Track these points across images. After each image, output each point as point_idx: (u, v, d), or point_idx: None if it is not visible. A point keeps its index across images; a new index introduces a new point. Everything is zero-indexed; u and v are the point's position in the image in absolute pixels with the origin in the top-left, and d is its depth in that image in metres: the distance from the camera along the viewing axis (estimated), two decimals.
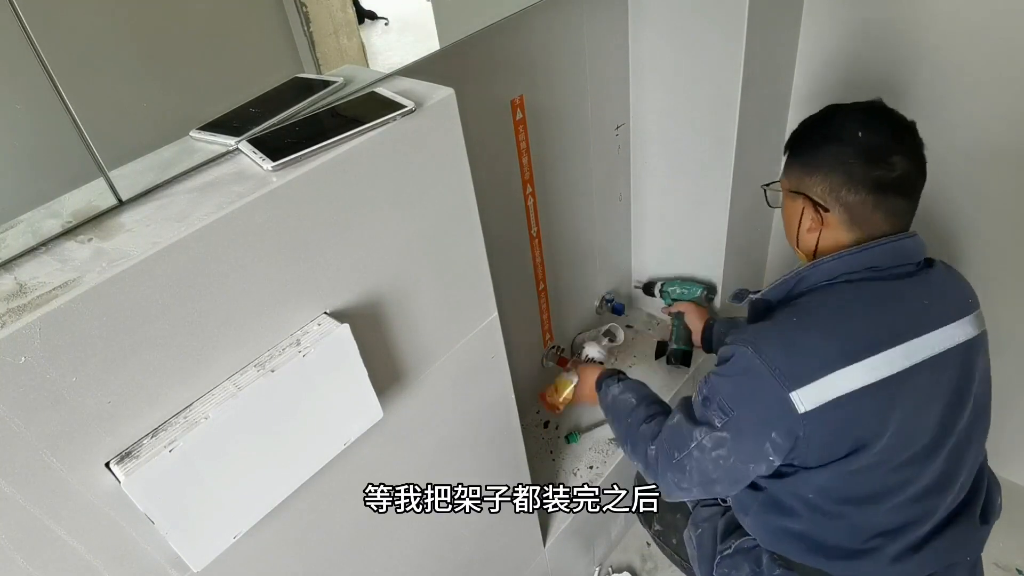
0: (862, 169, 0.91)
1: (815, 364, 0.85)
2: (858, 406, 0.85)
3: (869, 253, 0.91)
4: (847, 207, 0.93)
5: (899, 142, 0.92)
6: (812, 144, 0.97)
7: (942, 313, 0.91)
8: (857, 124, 0.93)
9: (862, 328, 0.88)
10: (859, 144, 0.92)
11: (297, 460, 0.75)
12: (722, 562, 1.13)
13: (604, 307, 1.80)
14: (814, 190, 0.95)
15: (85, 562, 0.63)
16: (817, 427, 0.86)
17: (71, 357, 0.56)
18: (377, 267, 0.79)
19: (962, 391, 0.94)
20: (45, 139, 0.66)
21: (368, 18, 0.95)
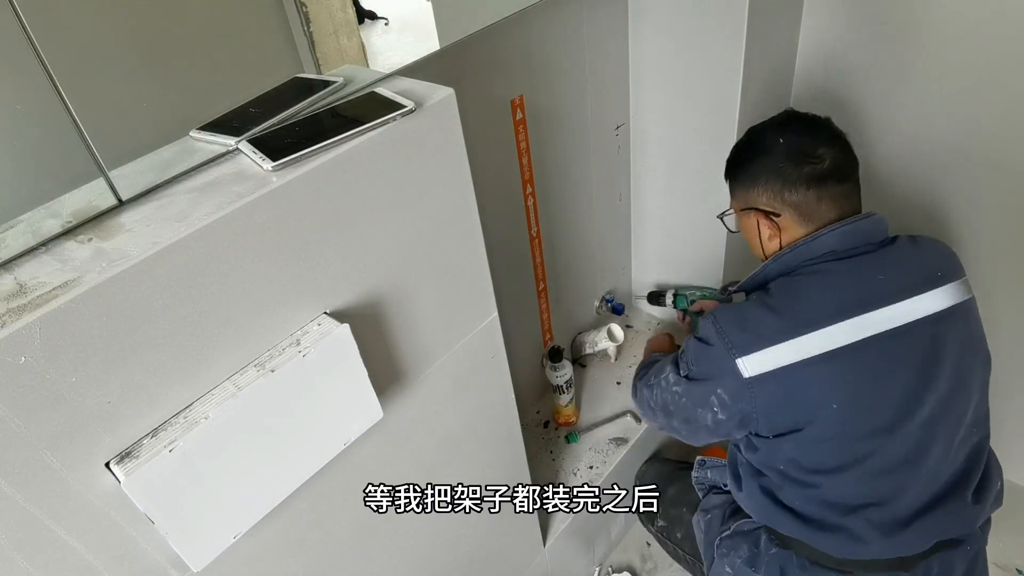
0: (793, 169, 1.02)
1: (759, 336, 0.96)
2: (800, 376, 0.95)
3: (821, 240, 1.00)
4: (794, 206, 1.03)
5: (818, 137, 1.03)
6: (744, 164, 1.09)
7: (902, 286, 0.97)
8: (776, 134, 1.05)
9: (808, 306, 0.96)
10: (782, 150, 1.03)
11: (297, 460, 0.75)
12: (722, 543, 1.16)
13: (604, 307, 1.81)
14: (760, 201, 1.06)
15: (85, 562, 0.63)
16: (761, 393, 0.97)
17: (71, 357, 0.56)
18: (377, 267, 0.79)
19: (933, 362, 0.97)
20: (45, 139, 0.66)
21: (368, 18, 0.95)
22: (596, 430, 1.62)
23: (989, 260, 1.48)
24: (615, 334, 1.69)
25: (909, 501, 0.99)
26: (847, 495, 0.99)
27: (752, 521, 1.13)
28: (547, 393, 1.73)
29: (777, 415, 0.99)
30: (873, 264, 0.98)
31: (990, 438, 1.08)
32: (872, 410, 0.96)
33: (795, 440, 0.99)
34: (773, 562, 1.07)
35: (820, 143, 1.02)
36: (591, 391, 1.73)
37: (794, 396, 0.97)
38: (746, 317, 0.99)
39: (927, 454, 0.98)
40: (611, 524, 1.68)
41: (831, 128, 1.06)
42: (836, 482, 0.99)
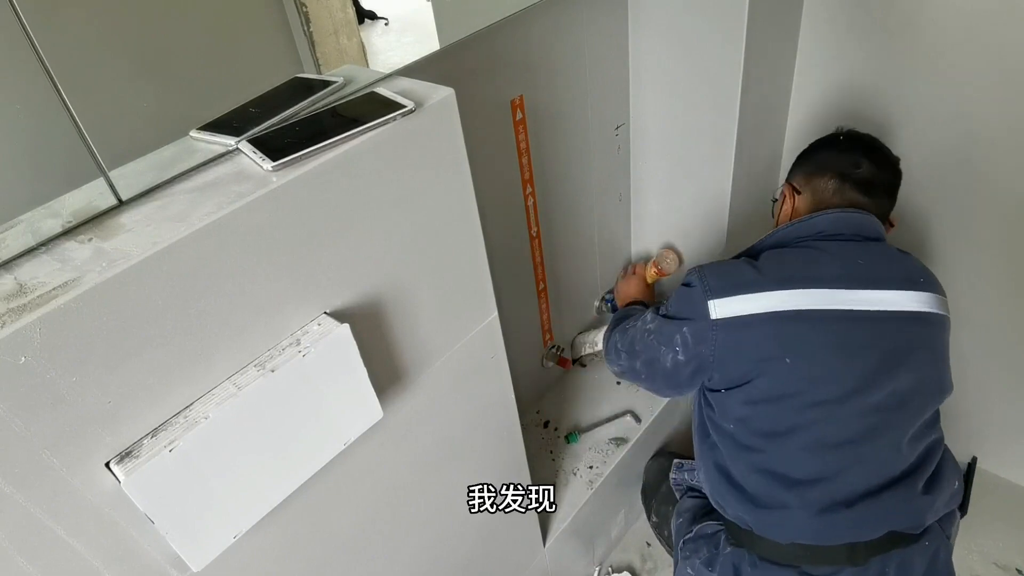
0: (835, 161, 1.14)
1: (735, 284, 1.04)
2: (763, 326, 1.01)
3: (815, 220, 1.09)
4: (813, 190, 1.14)
5: (870, 156, 1.13)
6: (811, 151, 1.21)
7: (882, 276, 1.03)
8: (853, 144, 1.15)
9: (787, 269, 1.04)
10: (840, 146, 1.16)
11: (297, 460, 0.75)
12: (685, 545, 1.19)
13: (604, 307, 1.81)
14: (796, 178, 1.19)
15: (85, 562, 0.63)
16: (723, 337, 1.03)
17: (71, 357, 0.56)
18: (377, 267, 0.79)
19: (900, 357, 1.01)
20: (45, 139, 0.66)
21: (368, 18, 0.95)
22: (596, 430, 1.62)
23: (988, 264, 1.48)
24: None
25: (851, 482, 1.01)
26: (790, 466, 1.02)
27: (715, 524, 1.16)
28: (547, 393, 1.73)
29: (733, 362, 1.04)
30: (857, 250, 1.05)
31: (943, 441, 1.10)
32: (826, 380, 1.00)
33: (745, 394, 1.04)
34: (727, 561, 1.09)
35: (873, 163, 1.12)
36: (591, 391, 1.73)
37: (753, 344, 1.02)
38: (728, 268, 1.08)
39: (874, 440, 1.01)
40: (611, 524, 1.68)
41: (887, 159, 1.15)
42: (780, 448, 1.03)
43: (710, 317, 1.03)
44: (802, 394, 1.01)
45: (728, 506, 1.10)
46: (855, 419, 1.00)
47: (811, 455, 1.01)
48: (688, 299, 1.07)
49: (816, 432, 1.00)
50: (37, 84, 0.58)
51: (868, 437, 1.00)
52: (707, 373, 1.07)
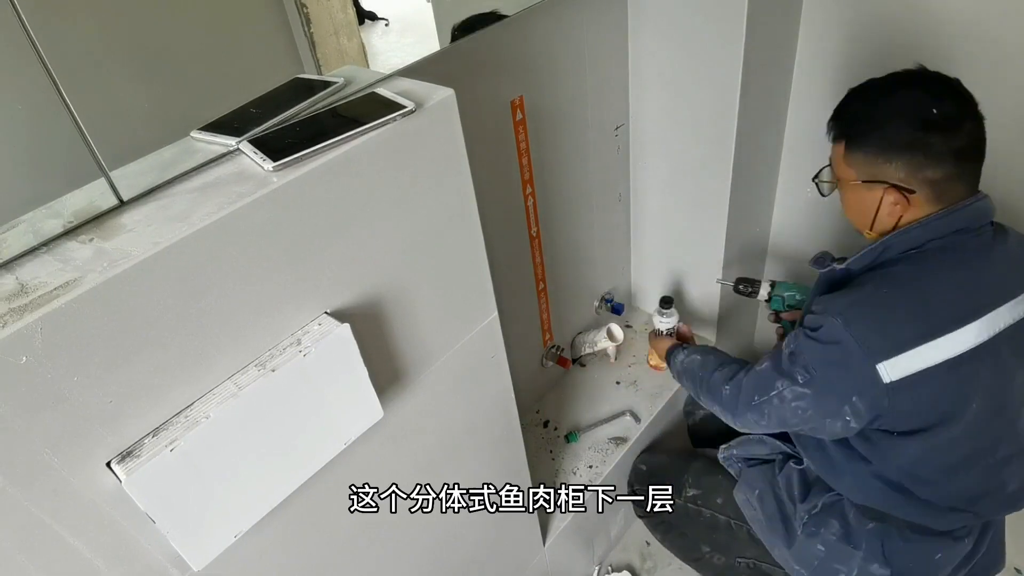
0: (943, 144, 0.90)
1: (902, 337, 0.88)
2: (943, 377, 0.89)
3: (954, 217, 0.92)
4: (932, 184, 0.92)
5: (963, 106, 0.91)
6: (879, 128, 0.94)
7: (1017, 282, 0.93)
8: (925, 98, 0.91)
9: (946, 302, 0.89)
10: (933, 119, 0.90)
11: (298, 459, 0.75)
12: (811, 520, 1.12)
13: (603, 307, 1.81)
14: (894, 176, 0.93)
15: (86, 561, 0.63)
16: (904, 396, 0.90)
17: (72, 357, 0.56)
18: (377, 267, 0.79)
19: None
20: (46, 139, 0.66)
21: (368, 19, 0.95)
22: (595, 430, 1.62)
23: None
24: (614, 334, 1.69)
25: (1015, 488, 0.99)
26: (968, 488, 0.99)
27: (834, 494, 1.09)
28: (547, 393, 1.73)
29: (915, 417, 0.94)
30: (995, 257, 0.94)
31: None
32: (999, 406, 0.94)
33: (923, 440, 0.94)
34: (873, 537, 1.04)
35: (966, 114, 0.91)
36: (591, 391, 1.73)
37: (936, 398, 0.91)
38: (881, 314, 0.91)
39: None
40: (610, 523, 1.68)
41: (968, 95, 0.93)
42: (956, 479, 0.98)
43: (883, 382, 0.89)
44: (982, 427, 0.94)
45: (884, 507, 1.04)
46: (1018, 434, 0.97)
47: (984, 477, 0.98)
48: (843, 363, 0.91)
49: (991, 456, 0.97)
50: (38, 84, 0.58)
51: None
52: (877, 424, 0.96)
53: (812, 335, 0.94)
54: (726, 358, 1.16)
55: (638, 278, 1.88)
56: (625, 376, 1.75)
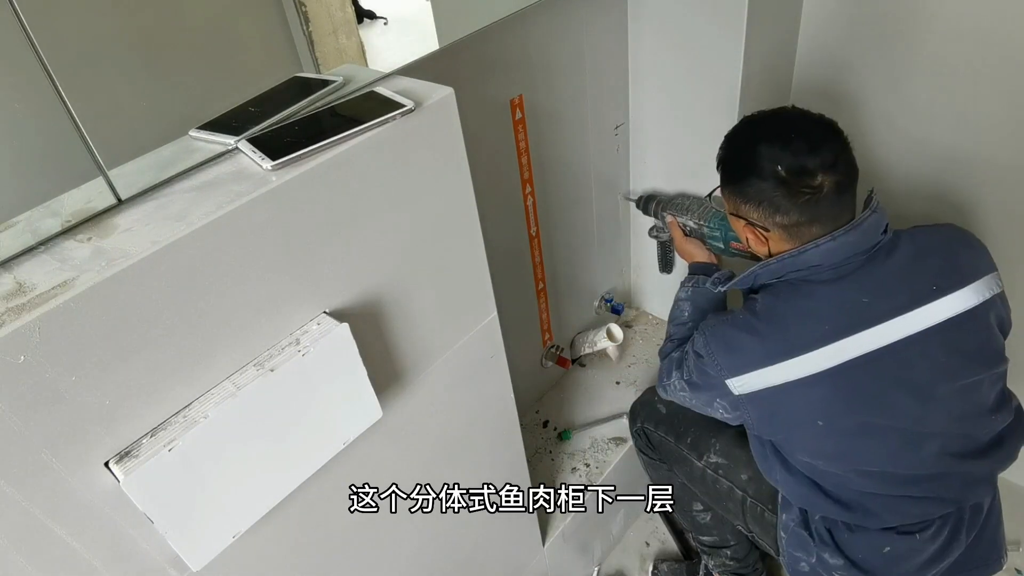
0: (787, 200, 0.97)
1: (745, 361, 1.01)
2: (785, 396, 0.99)
3: (806, 256, 0.98)
4: (783, 227, 1.00)
5: (818, 155, 0.95)
6: (737, 177, 1.04)
7: (886, 308, 0.96)
8: (773, 154, 0.97)
9: (792, 333, 0.98)
10: (779, 177, 0.96)
11: (296, 459, 0.75)
12: (781, 506, 1.17)
13: (603, 307, 1.81)
14: (751, 215, 1.03)
15: (84, 561, 0.63)
16: (752, 408, 1.04)
17: (70, 356, 0.56)
18: (376, 266, 0.79)
19: (934, 378, 0.98)
20: (44, 138, 0.66)
21: (367, 17, 0.95)
22: (595, 429, 1.62)
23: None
24: (614, 334, 1.69)
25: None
26: (875, 488, 1.03)
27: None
28: (547, 393, 1.73)
29: (767, 426, 1.07)
30: (857, 287, 0.97)
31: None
32: (872, 439, 1.00)
33: (799, 443, 1.06)
34: (822, 527, 1.09)
35: (821, 167, 0.95)
36: (590, 391, 1.73)
37: (780, 413, 1.03)
38: (732, 339, 1.03)
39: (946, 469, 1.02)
40: (610, 524, 1.68)
41: (835, 142, 0.98)
42: (860, 480, 1.03)
43: (734, 393, 1.03)
44: (850, 456, 1.02)
45: (821, 511, 1.09)
46: (924, 461, 1.01)
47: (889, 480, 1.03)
48: (705, 373, 1.06)
49: (887, 473, 1.02)
50: (37, 83, 0.58)
51: (939, 471, 1.02)
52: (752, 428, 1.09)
53: (693, 343, 1.10)
54: (692, 329, 1.19)
55: (638, 278, 1.88)
56: (625, 376, 1.75)
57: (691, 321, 1.23)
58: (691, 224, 1.38)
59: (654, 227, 1.55)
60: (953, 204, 1.47)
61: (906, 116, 1.42)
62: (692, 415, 1.36)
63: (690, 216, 1.38)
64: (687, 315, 1.24)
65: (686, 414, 1.37)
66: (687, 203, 1.41)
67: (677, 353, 1.18)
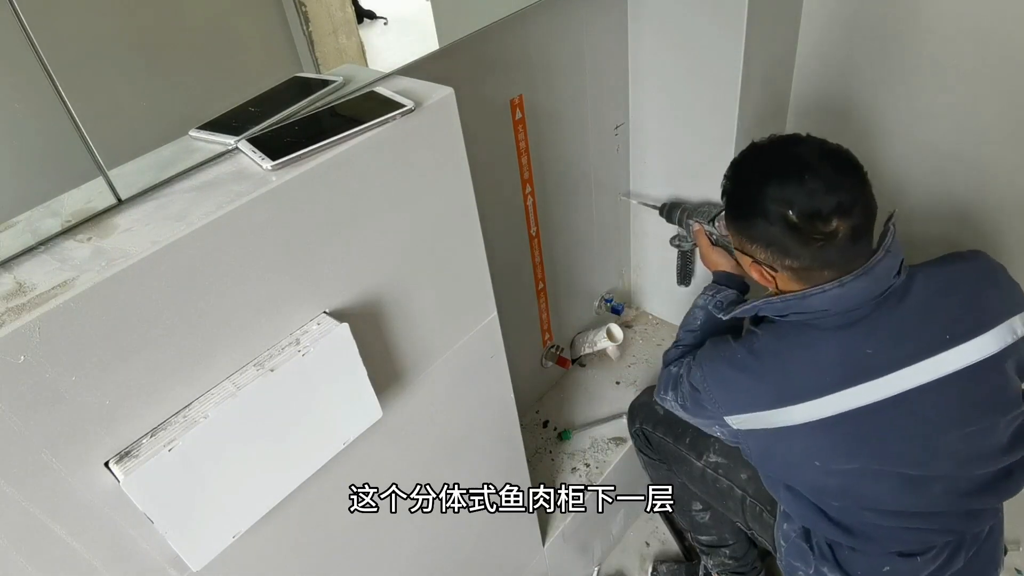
0: (799, 247, 0.90)
1: (742, 402, 1.01)
2: (781, 440, 1.00)
3: (811, 300, 0.92)
4: (792, 270, 0.93)
5: (834, 197, 0.87)
6: (742, 215, 0.96)
7: (890, 360, 0.92)
8: (784, 195, 0.89)
9: (791, 380, 0.96)
10: (789, 222, 0.89)
11: (296, 459, 0.75)
12: (781, 517, 1.16)
13: (603, 307, 1.81)
14: (758, 256, 0.96)
15: (84, 561, 0.63)
16: (752, 441, 1.05)
17: (70, 356, 0.56)
18: (376, 266, 0.79)
19: (937, 429, 0.95)
20: (44, 138, 0.66)
21: (367, 17, 0.95)
22: (595, 429, 1.62)
23: None
24: (614, 334, 1.69)
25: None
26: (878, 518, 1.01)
27: None
28: (547, 393, 1.73)
29: (766, 461, 1.08)
30: (863, 337, 0.92)
31: None
32: (875, 482, 0.98)
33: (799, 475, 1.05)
34: (823, 543, 1.08)
35: (837, 212, 0.86)
36: (590, 391, 1.73)
37: (778, 452, 1.03)
38: (729, 381, 1.02)
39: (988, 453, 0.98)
40: (610, 524, 1.68)
41: (853, 180, 0.89)
42: (865, 514, 1.02)
43: (731, 427, 1.04)
44: (845, 495, 1.01)
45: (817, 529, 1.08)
46: (928, 501, 0.99)
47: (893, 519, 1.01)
48: (702, 407, 1.06)
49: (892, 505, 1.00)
50: (37, 83, 0.58)
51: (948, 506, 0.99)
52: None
53: (690, 372, 1.08)
54: (699, 339, 1.19)
55: (638, 278, 1.88)
56: (625, 376, 1.75)
57: (700, 331, 1.21)
58: (718, 233, 1.32)
59: (677, 236, 1.50)
60: (954, 206, 1.47)
61: (908, 114, 1.42)
62: None
63: (715, 224, 1.33)
64: (699, 323, 1.22)
65: None
66: (715, 211, 1.36)
67: (675, 369, 1.16)
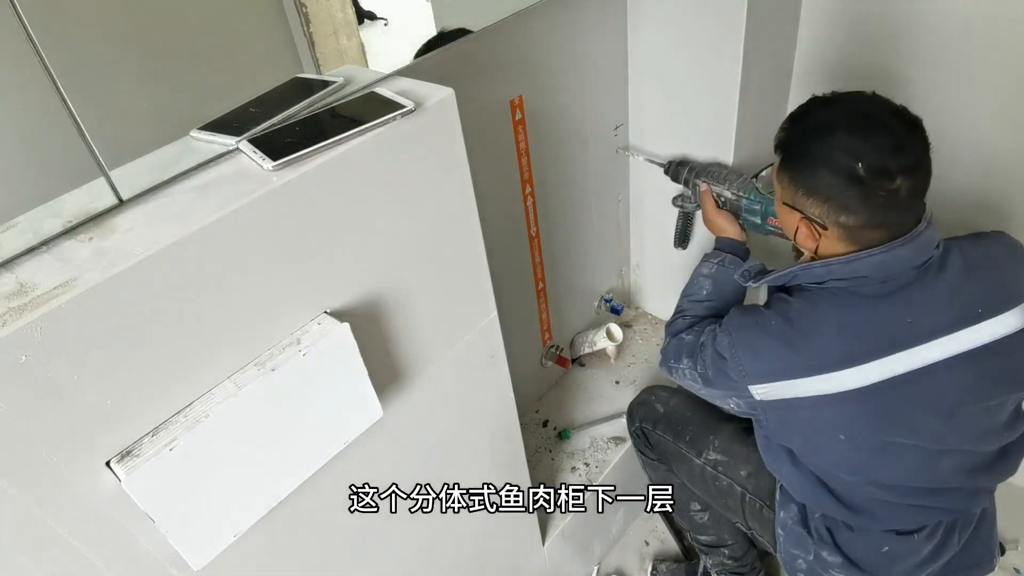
0: (859, 202, 0.88)
1: (772, 370, 0.96)
2: (811, 408, 0.96)
3: (855, 265, 0.91)
4: (845, 227, 0.91)
5: (902, 156, 0.86)
6: (802, 166, 0.93)
7: (928, 329, 0.91)
8: (853, 146, 0.87)
9: (823, 347, 0.93)
10: (855, 175, 0.86)
11: (297, 459, 0.75)
12: (779, 503, 1.16)
13: (603, 307, 1.81)
14: (811, 211, 0.93)
15: (86, 560, 0.63)
16: (773, 413, 1.01)
17: (72, 356, 0.56)
18: (377, 266, 0.79)
19: (958, 403, 0.95)
20: (46, 139, 0.66)
21: (368, 18, 0.95)
22: (595, 428, 1.62)
23: None
24: (614, 334, 1.69)
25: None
26: (882, 494, 1.02)
27: None
28: (547, 393, 1.73)
29: (784, 432, 1.04)
30: (904, 306, 0.91)
31: None
32: (894, 456, 0.97)
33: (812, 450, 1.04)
34: (821, 525, 1.08)
35: (902, 170, 0.85)
36: (590, 390, 1.73)
37: (802, 423, 1.00)
38: (761, 348, 0.97)
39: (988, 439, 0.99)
40: (610, 523, 1.68)
41: (920, 141, 0.88)
42: (869, 489, 1.01)
43: (754, 398, 0.99)
44: (865, 470, 1.00)
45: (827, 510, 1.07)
46: (939, 477, 0.99)
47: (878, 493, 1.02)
48: (725, 374, 1.01)
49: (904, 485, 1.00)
50: (38, 83, 0.58)
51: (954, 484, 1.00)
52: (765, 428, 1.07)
53: (715, 339, 1.03)
54: (703, 316, 1.17)
55: (638, 278, 1.88)
56: (625, 376, 1.75)
57: (708, 300, 1.18)
58: (728, 195, 1.27)
59: (680, 195, 1.43)
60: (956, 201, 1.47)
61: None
62: (690, 414, 1.36)
63: (727, 186, 1.27)
64: (705, 293, 1.19)
65: (683, 413, 1.37)
66: (724, 173, 1.31)
67: (690, 336, 1.11)
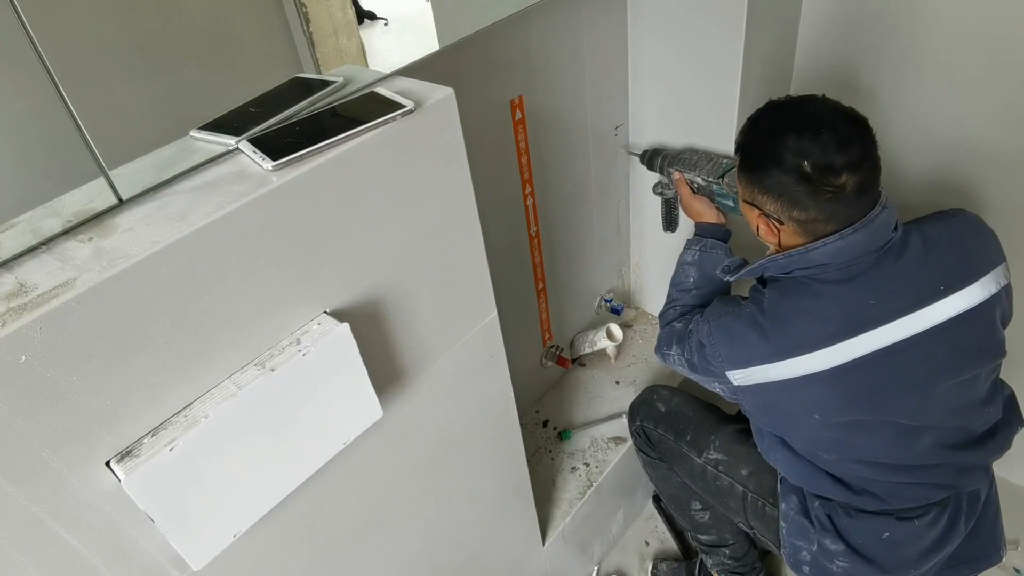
0: (808, 197, 0.94)
1: (747, 356, 1.03)
2: (785, 390, 1.02)
3: (814, 254, 0.97)
4: (798, 222, 0.98)
5: (846, 153, 0.91)
6: (757, 166, 0.99)
7: (893, 309, 0.97)
8: (800, 146, 0.93)
9: (794, 333, 0.99)
10: (803, 172, 0.93)
11: (297, 459, 0.75)
12: (781, 494, 1.18)
13: (603, 307, 1.81)
14: (767, 207, 1.00)
15: (85, 561, 0.63)
16: (751, 397, 1.07)
17: (71, 356, 0.56)
18: (377, 266, 0.79)
19: (930, 378, 0.99)
20: (45, 138, 0.66)
21: (367, 18, 0.95)
22: (595, 429, 1.62)
23: None
24: (614, 334, 1.69)
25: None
26: (876, 473, 1.05)
27: None
28: (547, 393, 1.73)
29: (764, 416, 1.10)
30: (866, 288, 0.97)
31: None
32: (868, 434, 1.01)
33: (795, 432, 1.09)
34: (821, 512, 1.10)
35: (847, 167, 0.91)
36: (590, 390, 1.73)
37: (778, 406, 1.05)
38: (736, 336, 1.04)
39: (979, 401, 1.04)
40: (610, 523, 1.68)
41: (864, 139, 0.94)
42: (861, 467, 1.05)
43: (732, 383, 1.06)
44: (845, 448, 1.04)
45: (818, 490, 1.11)
46: (918, 453, 1.03)
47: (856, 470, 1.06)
48: (705, 359, 1.08)
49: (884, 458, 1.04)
50: (38, 83, 0.58)
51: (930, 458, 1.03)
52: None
53: (698, 328, 1.10)
54: (692, 304, 1.22)
55: (638, 278, 1.88)
56: (625, 376, 1.75)
57: (695, 288, 1.23)
58: (699, 181, 1.31)
59: (659, 183, 1.47)
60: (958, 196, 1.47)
61: (908, 114, 1.42)
62: (691, 413, 1.37)
63: (699, 172, 1.31)
64: (692, 280, 1.24)
65: (685, 412, 1.38)
66: (695, 158, 1.33)
67: (680, 324, 1.18)
